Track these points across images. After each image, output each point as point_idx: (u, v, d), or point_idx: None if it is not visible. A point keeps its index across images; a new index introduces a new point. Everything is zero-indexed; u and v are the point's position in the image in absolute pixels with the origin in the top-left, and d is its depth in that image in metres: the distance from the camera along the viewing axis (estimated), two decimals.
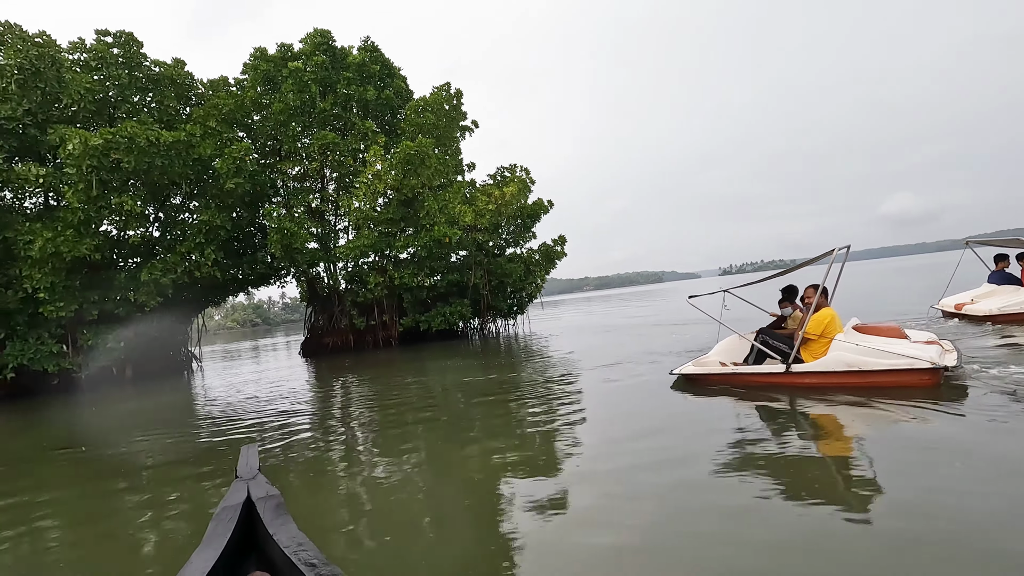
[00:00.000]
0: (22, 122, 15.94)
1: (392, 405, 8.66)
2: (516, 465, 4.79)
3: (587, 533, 3.35)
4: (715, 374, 7.11)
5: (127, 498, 5.17)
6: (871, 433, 4.72)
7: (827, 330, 6.32)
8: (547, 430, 5.94)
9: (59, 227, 15.51)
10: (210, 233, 17.77)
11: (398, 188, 19.67)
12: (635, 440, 5.18)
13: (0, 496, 5.64)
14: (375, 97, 21.51)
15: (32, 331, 16.58)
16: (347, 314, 21.83)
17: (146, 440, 8.06)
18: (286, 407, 9.46)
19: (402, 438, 6.36)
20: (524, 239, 24.10)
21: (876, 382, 5.87)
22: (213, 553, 2.17)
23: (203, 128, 17.96)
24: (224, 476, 5.46)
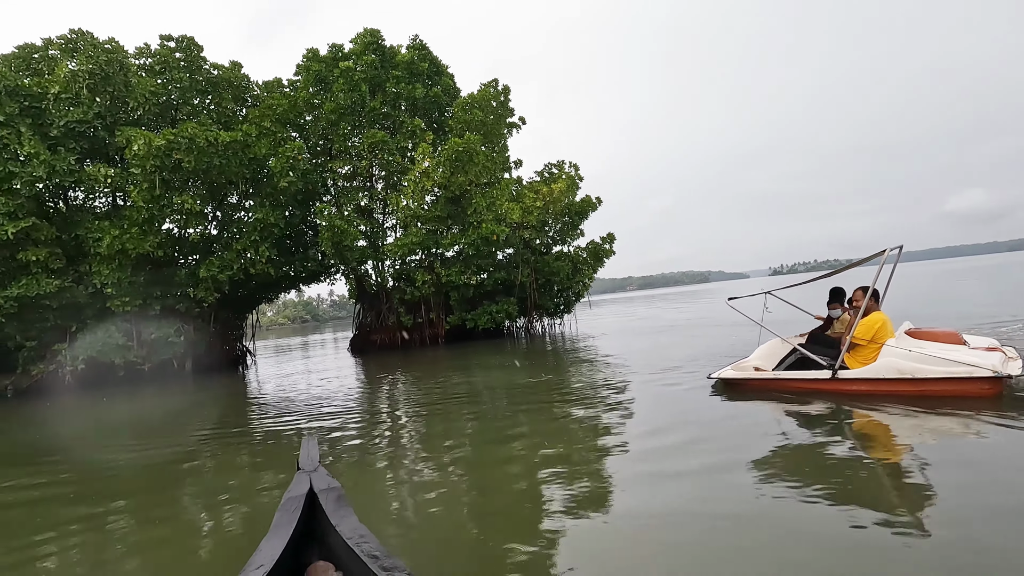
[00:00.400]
0: (92, 125, 16.69)
1: (439, 405, 8.48)
2: (559, 471, 4.60)
3: (624, 540, 3.23)
4: (755, 379, 6.80)
5: (195, 486, 5.37)
6: (924, 446, 4.38)
7: (877, 335, 5.96)
8: (591, 435, 5.68)
9: (125, 225, 16.17)
10: (264, 231, 18.16)
11: (446, 185, 19.59)
12: (679, 449, 4.87)
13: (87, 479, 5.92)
14: (423, 95, 21.52)
15: (101, 324, 17.37)
16: (395, 312, 21.95)
17: (208, 430, 8.23)
18: (336, 404, 9.48)
19: (448, 440, 6.22)
20: (572, 237, 23.65)
21: (931, 391, 5.49)
22: (280, 542, 2.22)
23: (258, 128, 18.37)
24: (275, 467, 5.57)
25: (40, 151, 15.35)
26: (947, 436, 4.54)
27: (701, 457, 4.56)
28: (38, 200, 16.26)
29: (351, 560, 2.16)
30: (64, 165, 15.61)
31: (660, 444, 5.05)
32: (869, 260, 6.39)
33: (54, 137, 16.26)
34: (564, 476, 4.41)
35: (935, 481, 3.63)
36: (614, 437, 5.47)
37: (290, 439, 6.95)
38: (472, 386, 10.17)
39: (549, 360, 13.53)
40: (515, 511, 3.85)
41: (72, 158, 15.88)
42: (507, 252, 22.68)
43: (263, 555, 2.15)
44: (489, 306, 21.51)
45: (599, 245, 23.64)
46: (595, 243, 23.78)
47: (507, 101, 23.46)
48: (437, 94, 22.07)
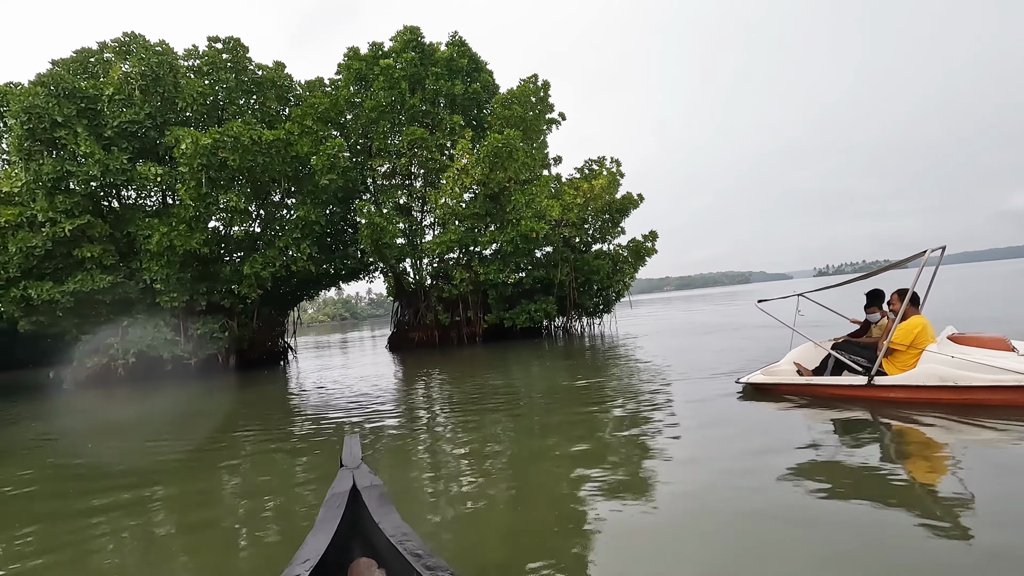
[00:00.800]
0: (143, 125, 17.16)
1: (477, 405, 8.28)
2: (598, 474, 4.43)
3: (661, 544, 3.15)
4: (787, 384, 6.56)
5: (237, 479, 5.45)
6: (968, 457, 4.14)
7: (917, 340, 5.66)
8: (630, 440, 5.40)
9: (173, 222, 16.55)
10: (306, 228, 18.33)
11: (484, 182, 19.35)
12: (724, 460, 4.55)
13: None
14: (462, 91, 21.34)
15: (150, 319, 17.87)
16: (432, 310, 21.86)
17: (252, 426, 8.24)
18: (375, 402, 9.42)
19: (487, 440, 6.01)
20: (612, 235, 23.08)
21: (975, 400, 5.18)
22: (325, 537, 2.25)
23: (300, 127, 18.56)
24: (316, 462, 5.66)
25: (95, 151, 15.85)
26: (993, 448, 4.24)
27: (733, 463, 4.40)
28: (93, 198, 16.82)
29: (394, 558, 2.16)
30: (117, 164, 16.08)
31: (702, 456, 4.76)
32: (908, 262, 6.08)
33: (108, 137, 16.79)
34: (602, 480, 4.27)
35: (979, 493, 3.42)
36: (654, 443, 5.20)
37: (329, 436, 6.91)
38: (511, 386, 9.95)
39: (588, 361, 13.11)
40: (552, 515, 3.72)
41: (124, 157, 16.35)
42: (546, 250, 22.30)
43: (309, 550, 2.16)
44: (527, 305, 21.17)
45: (641, 243, 22.99)
46: (636, 241, 23.13)
47: (546, 96, 23.06)
48: (476, 90, 21.85)
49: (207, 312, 18.68)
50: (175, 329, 18.17)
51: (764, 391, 6.76)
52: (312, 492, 4.64)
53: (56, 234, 15.69)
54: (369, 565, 2.25)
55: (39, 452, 7.80)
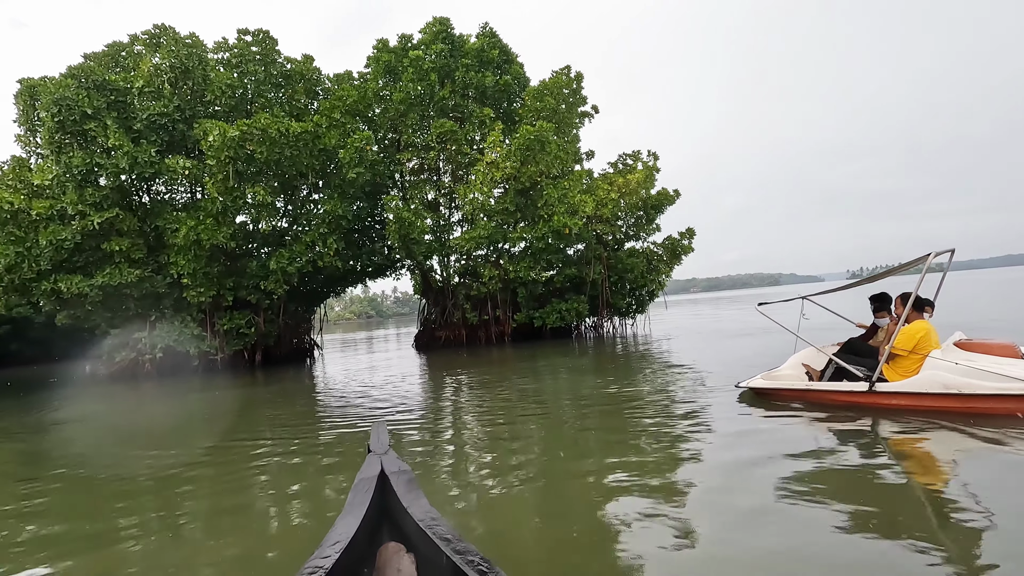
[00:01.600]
0: (172, 118, 16.98)
1: (504, 406, 7.92)
2: (624, 478, 4.26)
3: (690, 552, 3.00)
4: (788, 389, 6.40)
5: (268, 473, 5.31)
6: (971, 468, 3.97)
7: (919, 345, 5.51)
8: (659, 447, 5.08)
9: (200, 216, 16.31)
10: (333, 223, 17.94)
11: (515, 176, 18.67)
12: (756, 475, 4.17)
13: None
14: (493, 83, 20.70)
15: (177, 314, 17.71)
16: (460, 308, 21.30)
17: (281, 422, 7.90)
18: (400, 401, 9.12)
19: (513, 443, 5.72)
20: (648, 231, 22.15)
21: (979, 408, 5.02)
22: (354, 521, 2.23)
23: (328, 120, 18.18)
24: (341, 464, 5.47)
25: (124, 143, 15.70)
26: (997, 459, 4.05)
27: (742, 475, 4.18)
28: (122, 192, 16.70)
29: (423, 542, 2.15)
30: (145, 157, 15.91)
31: (737, 464, 4.42)
32: (911, 266, 5.83)
33: (137, 130, 16.65)
34: (628, 484, 4.12)
35: (985, 507, 3.25)
36: (687, 454, 4.83)
37: (353, 436, 6.59)
38: (540, 388, 9.49)
39: (621, 364, 12.35)
40: (580, 524, 3.52)
41: (153, 150, 16.17)
42: (578, 247, 21.52)
43: (338, 533, 2.15)
44: (558, 304, 20.43)
45: (677, 241, 22.02)
46: (672, 239, 22.17)
47: (579, 88, 22.29)
48: (507, 83, 21.18)
49: (234, 308, 18.45)
50: (202, 325, 17.99)
51: (764, 396, 6.59)
52: (337, 485, 4.59)
53: (85, 227, 15.59)
54: (398, 549, 2.20)
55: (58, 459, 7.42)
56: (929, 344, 5.49)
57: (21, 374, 26.76)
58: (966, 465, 4.04)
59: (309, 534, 3.51)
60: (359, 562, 2.20)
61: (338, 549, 2.01)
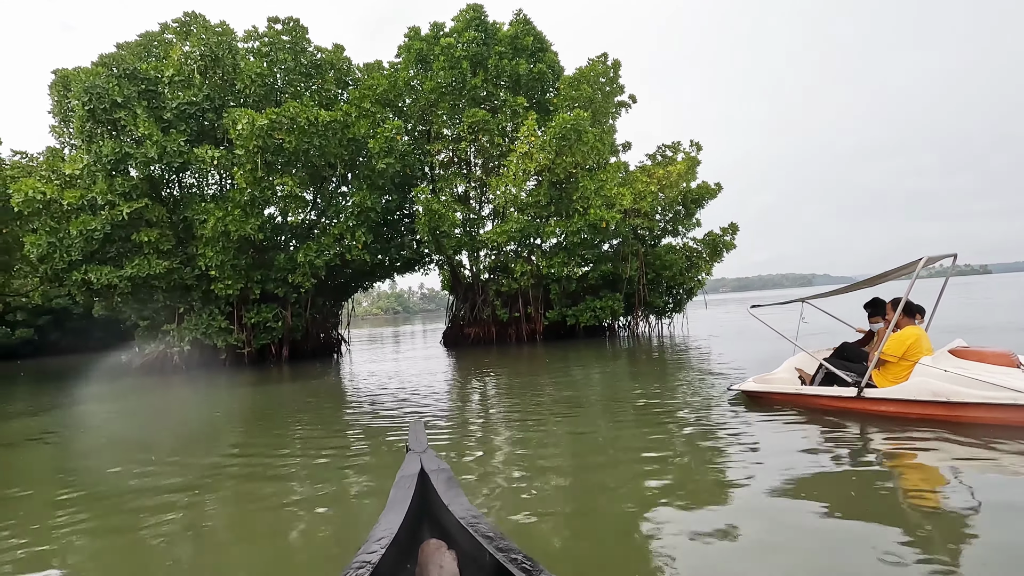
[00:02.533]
0: (201, 107, 16.70)
1: (535, 408, 7.49)
2: (656, 486, 4.09)
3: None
4: (778, 393, 6.35)
5: (305, 472, 5.17)
6: (956, 481, 3.79)
7: (909, 352, 5.40)
8: (701, 464, 4.63)
9: (229, 207, 15.98)
10: (361, 215, 17.44)
11: (550, 168, 17.88)
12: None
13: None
14: (527, 71, 19.91)
15: (205, 307, 17.47)
16: (490, 304, 20.63)
17: (312, 420, 7.48)
18: (428, 400, 8.76)
19: (543, 446, 5.49)
20: (687, 226, 21.08)
21: (968, 417, 4.89)
22: (397, 518, 2.23)
23: (358, 109, 17.67)
24: (373, 463, 5.40)
25: (154, 132, 15.46)
26: (984, 472, 3.90)
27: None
28: (151, 182, 16.50)
29: (465, 539, 2.13)
30: (174, 146, 15.64)
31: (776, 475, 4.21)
32: (905, 271, 5.65)
33: (167, 120, 16.43)
34: (659, 492, 3.95)
35: (965, 524, 3.12)
36: (726, 467, 4.47)
37: (383, 436, 6.34)
38: (573, 391, 8.92)
39: (659, 366, 11.50)
40: (613, 537, 3.36)
41: (182, 139, 15.90)
42: (613, 243, 20.62)
43: (382, 529, 2.15)
44: (592, 301, 19.57)
45: (718, 236, 20.90)
46: (713, 234, 21.06)
47: (616, 77, 21.34)
48: (541, 71, 20.34)
49: (261, 301, 18.14)
50: (229, 318, 17.71)
51: (755, 399, 6.55)
52: (371, 484, 4.53)
53: (115, 217, 15.41)
54: (439, 547, 2.16)
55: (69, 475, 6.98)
56: (920, 350, 5.34)
57: (47, 365, 27.16)
58: (945, 476, 3.91)
59: (342, 534, 3.51)
60: (402, 558, 2.20)
61: (383, 545, 2.01)
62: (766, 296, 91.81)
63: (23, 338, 38.03)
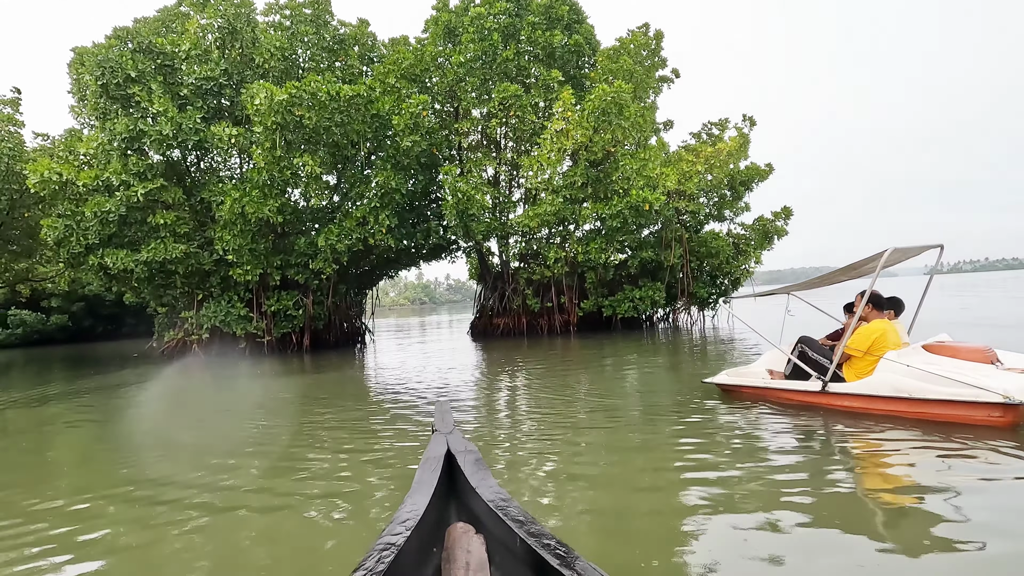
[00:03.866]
0: (219, 82, 15.85)
1: (568, 405, 6.82)
2: (698, 494, 3.48)
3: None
4: (748, 387, 6.26)
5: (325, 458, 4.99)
6: (913, 482, 3.57)
7: (874, 346, 5.14)
8: (748, 468, 4.03)
9: (247, 188, 15.13)
10: (385, 197, 16.40)
11: (587, 146, 16.51)
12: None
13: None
14: (562, 43, 18.49)
15: (224, 294, 16.73)
16: (521, 294, 19.45)
17: (334, 417, 6.50)
18: (456, 396, 8.04)
19: (574, 446, 4.94)
20: (735, 210, 19.47)
21: (931, 414, 4.68)
22: (423, 499, 2.17)
23: (382, 85, 16.59)
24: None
25: (169, 108, 14.67)
26: (944, 472, 3.62)
27: None
28: (167, 161, 15.76)
29: (494, 523, 2.07)
30: (190, 123, 14.83)
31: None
32: (867, 264, 5.48)
33: (184, 96, 15.64)
34: (701, 498, 3.40)
35: (911, 525, 2.93)
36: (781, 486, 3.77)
37: (403, 432, 5.78)
38: (610, 387, 8.12)
39: (709, 362, 10.14)
40: (645, 546, 2.86)
41: (198, 116, 15.08)
42: (653, 228, 19.17)
43: (407, 510, 2.09)
44: (631, 291, 18.19)
45: (769, 222, 19.25)
46: (764, 219, 19.41)
47: (659, 49, 19.78)
48: (578, 43, 18.88)
49: (281, 288, 17.33)
50: (249, 305, 16.95)
51: (728, 392, 6.53)
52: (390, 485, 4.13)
53: (129, 199, 14.70)
54: (467, 530, 2.09)
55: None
56: (885, 345, 5.18)
57: (68, 352, 27.10)
58: (902, 476, 3.76)
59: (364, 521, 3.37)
60: (428, 541, 2.11)
61: (408, 527, 1.94)
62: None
63: (58, 324, 38.58)
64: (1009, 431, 4.33)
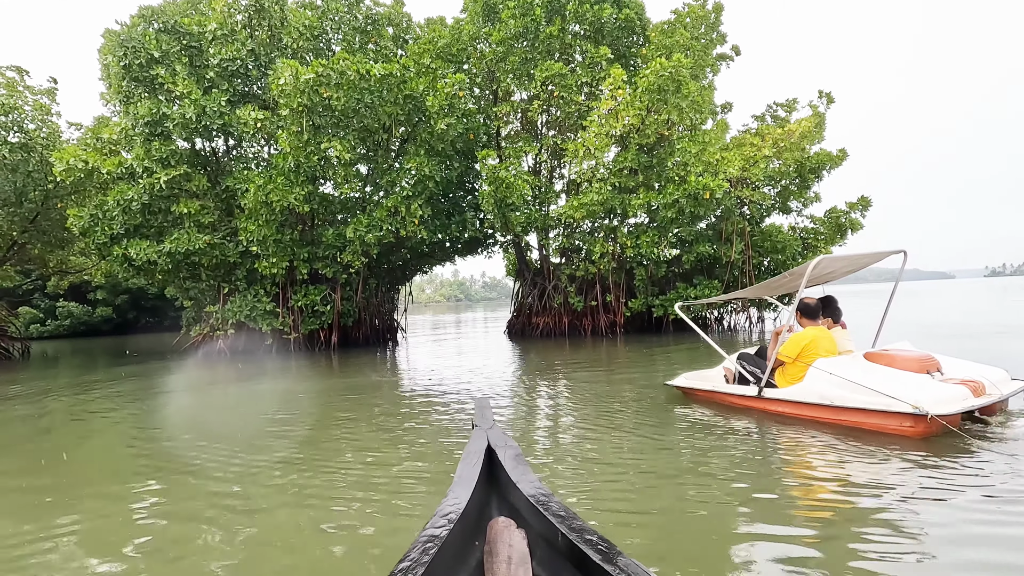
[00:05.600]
0: (245, 63, 14.97)
1: (616, 422, 5.80)
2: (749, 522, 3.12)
3: None
4: (699, 390, 6.37)
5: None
6: (810, 481, 3.70)
7: (803, 353, 5.27)
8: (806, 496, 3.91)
9: (272, 174, 14.19)
10: (418, 185, 15.23)
11: (638, 128, 14.92)
12: None
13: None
14: (611, 17, 16.89)
15: (250, 287, 15.91)
16: (562, 292, 18.00)
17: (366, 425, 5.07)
18: (495, 407, 6.95)
19: (617, 467, 4.25)
20: (804, 201, 17.48)
21: (851, 421, 4.77)
22: (465, 493, 2.12)
23: (417, 65, 15.40)
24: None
25: (193, 90, 13.85)
26: (844, 478, 3.66)
27: None
28: (192, 148, 14.99)
29: (535, 518, 2.04)
30: (214, 106, 13.98)
31: None
32: (800, 276, 5.59)
33: (209, 79, 14.82)
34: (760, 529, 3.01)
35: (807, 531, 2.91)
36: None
37: (434, 436, 4.68)
38: (659, 400, 6.76)
39: None
40: None
41: (223, 99, 14.22)
42: (709, 220, 17.38)
43: (450, 504, 2.05)
44: (685, 289, 16.49)
45: (844, 213, 17.17)
46: (836, 210, 17.35)
47: (718, 23, 17.95)
48: (628, 17, 17.22)
49: (309, 282, 16.40)
50: (275, 300, 16.08)
51: (686, 394, 6.61)
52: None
53: (152, 186, 13.98)
54: (508, 524, 2.06)
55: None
56: (816, 352, 5.21)
57: (102, 344, 27.11)
58: (804, 472, 3.89)
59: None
60: (471, 535, 2.08)
61: (451, 520, 1.93)
62: (852, 290, 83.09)
63: (103, 316, 39.34)
64: (921, 441, 4.32)
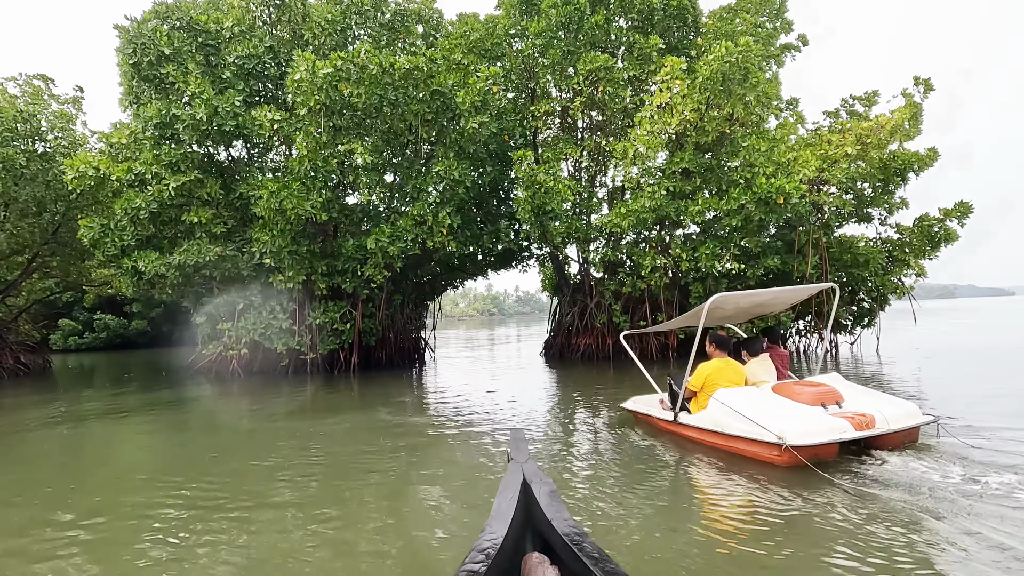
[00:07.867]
0: (263, 60, 13.85)
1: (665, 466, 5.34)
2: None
3: None
4: (639, 413, 6.79)
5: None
6: (672, 496, 4.22)
7: (707, 383, 5.70)
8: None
9: (288, 180, 12.90)
10: (447, 191, 13.71)
11: (696, 125, 13.04)
12: None
13: None
14: (662, 5, 15.15)
15: (265, 303, 14.64)
16: (605, 309, 16.11)
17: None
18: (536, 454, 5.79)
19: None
20: (889, 207, 15.15)
21: (738, 448, 5.15)
22: (502, 528, 2.20)
23: (446, 61, 13.98)
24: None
25: (205, 89, 12.75)
26: (720, 504, 4.04)
27: None
28: (202, 150, 13.90)
29: (569, 556, 2.09)
30: (227, 106, 12.83)
31: None
32: (699, 315, 6.09)
33: (226, 79, 13.75)
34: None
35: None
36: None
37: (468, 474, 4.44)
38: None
39: None
40: None
41: (238, 99, 13.08)
42: (774, 230, 15.25)
43: (487, 539, 2.13)
44: None
45: (937, 221, 14.77)
46: (928, 218, 14.96)
47: (783, 9, 15.97)
48: (681, 6, 15.41)
49: (328, 298, 15.03)
50: (292, 317, 14.75)
51: (633, 416, 6.96)
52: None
53: (161, 193, 12.89)
54: (542, 561, 2.13)
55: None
56: (718, 382, 5.59)
57: (132, 358, 26.53)
58: (673, 488, 4.33)
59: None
60: (506, 569, 2.13)
61: (489, 555, 1.99)
62: (907, 308, 75.96)
63: (138, 329, 39.40)
64: (788, 470, 4.54)
